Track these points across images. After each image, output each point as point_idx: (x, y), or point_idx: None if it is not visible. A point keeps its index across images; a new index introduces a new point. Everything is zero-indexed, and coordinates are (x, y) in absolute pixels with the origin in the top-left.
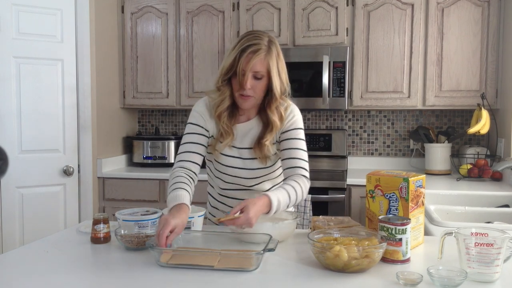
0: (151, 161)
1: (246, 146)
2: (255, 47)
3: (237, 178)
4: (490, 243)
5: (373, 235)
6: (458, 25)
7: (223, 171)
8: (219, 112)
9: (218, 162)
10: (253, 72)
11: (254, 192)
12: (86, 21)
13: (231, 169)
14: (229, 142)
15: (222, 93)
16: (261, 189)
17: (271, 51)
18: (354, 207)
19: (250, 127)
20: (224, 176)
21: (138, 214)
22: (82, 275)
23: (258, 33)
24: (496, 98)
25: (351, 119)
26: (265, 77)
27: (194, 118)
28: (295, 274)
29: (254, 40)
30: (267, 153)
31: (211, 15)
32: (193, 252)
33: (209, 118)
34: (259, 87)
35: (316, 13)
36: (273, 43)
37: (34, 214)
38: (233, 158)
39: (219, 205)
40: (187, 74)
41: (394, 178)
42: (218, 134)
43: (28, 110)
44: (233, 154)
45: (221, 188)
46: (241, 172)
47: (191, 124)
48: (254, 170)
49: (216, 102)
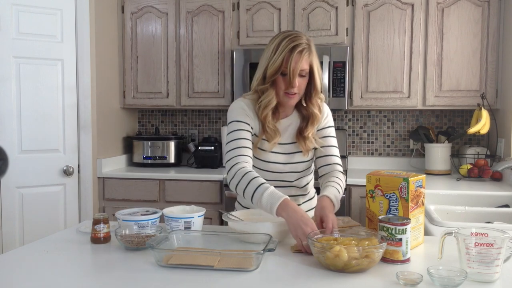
0: (151, 161)
1: (288, 141)
2: (301, 47)
3: (280, 174)
4: (490, 243)
5: (373, 235)
6: (458, 25)
7: (264, 168)
8: (266, 114)
9: (260, 159)
10: (300, 71)
11: (292, 189)
12: (86, 21)
13: (274, 165)
14: (277, 140)
15: (268, 94)
16: (299, 185)
17: (312, 50)
18: (354, 207)
19: (289, 123)
20: (265, 173)
21: (138, 214)
22: (82, 275)
23: (297, 33)
24: (496, 98)
25: (351, 119)
26: (307, 74)
27: (240, 115)
28: (295, 274)
29: (297, 40)
30: (310, 145)
31: (211, 15)
32: (193, 252)
33: (252, 116)
34: (303, 84)
35: (316, 13)
36: (311, 42)
37: (34, 214)
38: (276, 154)
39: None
40: (187, 74)
41: (394, 178)
42: (261, 133)
43: (28, 110)
44: (276, 150)
45: None
46: (284, 167)
47: (237, 121)
48: (296, 164)
49: (264, 103)
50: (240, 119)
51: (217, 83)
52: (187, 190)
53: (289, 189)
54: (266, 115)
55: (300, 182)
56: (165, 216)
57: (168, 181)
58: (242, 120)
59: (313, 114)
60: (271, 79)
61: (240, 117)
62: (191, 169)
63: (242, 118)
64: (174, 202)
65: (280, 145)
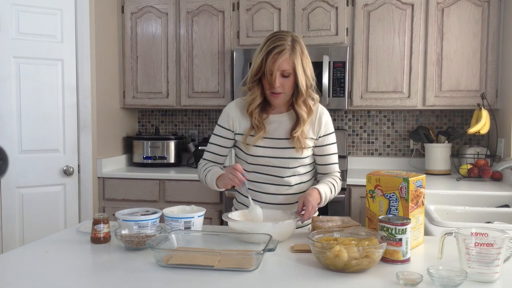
0: (151, 161)
1: (279, 136)
2: (279, 48)
3: (271, 168)
4: (490, 243)
5: (373, 235)
6: (458, 25)
7: (256, 163)
8: (251, 110)
9: (250, 155)
10: (281, 71)
11: (282, 187)
12: (86, 21)
13: (264, 159)
14: (261, 135)
15: (253, 93)
16: (289, 182)
17: (295, 50)
18: (354, 207)
19: (282, 120)
20: (258, 167)
21: (138, 214)
22: (82, 275)
23: (282, 34)
24: (496, 98)
25: (351, 119)
26: (292, 74)
27: (221, 120)
28: (295, 274)
29: (278, 41)
30: (303, 144)
31: (211, 15)
32: (193, 252)
33: (239, 116)
34: (287, 84)
35: (316, 13)
36: (296, 42)
37: (34, 214)
38: (265, 148)
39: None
40: (187, 74)
41: (394, 178)
42: (249, 129)
43: (28, 110)
44: (265, 145)
45: (251, 181)
46: (274, 161)
47: (218, 125)
48: (287, 160)
49: (248, 101)
50: (221, 124)
51: (217, 83)
52: (187, 190)
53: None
54: (251, 112)
55: (291, 180)
56: (165, 216)
57: (168, 181)
58: (221, 125)
59: (298, 115)
60: (254, 79)
61: (221, 121)
62: (191, 169)
63: (222, 123)
64: (174, 202)
65: (269, 139)
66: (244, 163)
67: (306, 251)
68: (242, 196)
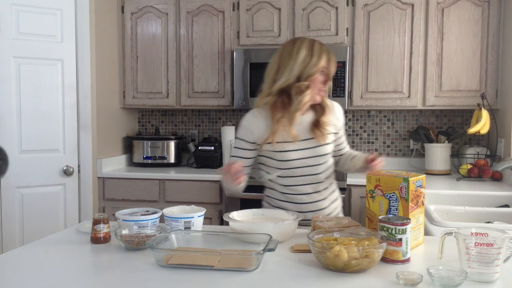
0: (151, 161)
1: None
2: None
3: (306, 168)
4: (490, 243)
5: (373, 235)
6: (458, 25)
7: (290, 167)
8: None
9: (283, 160)
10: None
11: (316, 184)
12: (86, 21)
13: (298, 161)
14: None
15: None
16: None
17: None
18: (354, 207)
19: (303, 121)
20: (293, 171)
21: (138, 214)
22: (82, 275)
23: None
24: (496, 98)
25: (351, 119)
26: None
27: (241, 133)
28: (295, 274)
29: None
30: (324, 131)
31: (211, 15)
32: (193, 252)
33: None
34: None
35: (316, 13)
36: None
37: (34, 214)
38: (296, 151)
39: (283, 204)
40: (187, 74)
41: (394, 178)
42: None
43: (28, 110)
44: (296, 148)
45: (286, 186)
46: (307, 161)
47: (238, 139)
48: (319, 157)
49: (304, 101)
50: (241, 137)
51: (217, 83)
52: (187, 190)
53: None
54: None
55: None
56: (165, 216)
57: (168, 181)
58: (242, 138)
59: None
60: (310, 79)
61: (241, 135)
62: (191, 169)
63: (242, 136)
64: (174, 202)
65: (300, 141)
66: (277, 171)
67: (306, 251)
68: (276, 200)
